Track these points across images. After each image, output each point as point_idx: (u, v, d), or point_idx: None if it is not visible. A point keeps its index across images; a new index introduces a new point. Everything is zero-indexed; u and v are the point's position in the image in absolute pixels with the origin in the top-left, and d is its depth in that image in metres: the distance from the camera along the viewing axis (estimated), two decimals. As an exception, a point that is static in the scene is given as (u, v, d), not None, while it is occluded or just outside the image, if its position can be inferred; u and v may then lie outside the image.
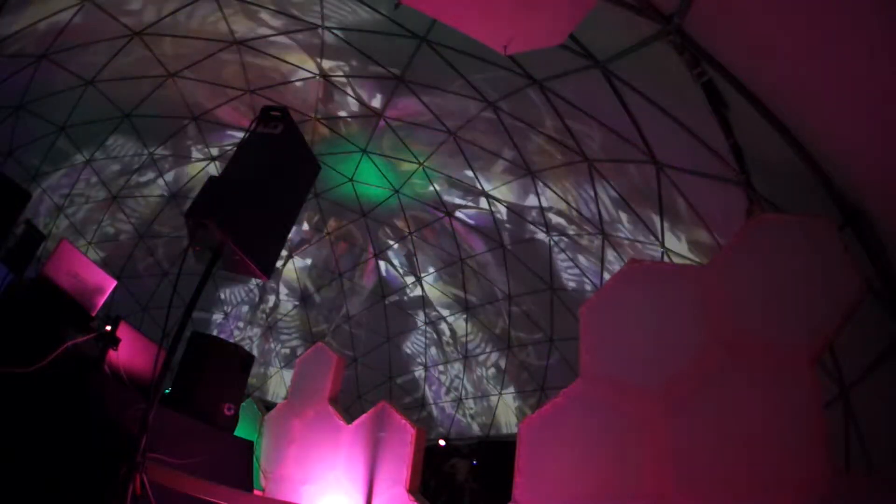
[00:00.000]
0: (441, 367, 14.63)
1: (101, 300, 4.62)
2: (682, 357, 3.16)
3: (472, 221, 11.78)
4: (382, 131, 10.44)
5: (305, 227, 13.47)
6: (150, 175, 12.11)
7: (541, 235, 10.80)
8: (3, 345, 3.36)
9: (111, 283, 4.76)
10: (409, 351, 14.88)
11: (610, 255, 9.61)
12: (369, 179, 11.97)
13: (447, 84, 8.55)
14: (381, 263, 13.91)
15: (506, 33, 3.65)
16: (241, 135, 10.47)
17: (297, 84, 9.82)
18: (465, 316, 13.70)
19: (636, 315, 3.49)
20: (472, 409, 14.45)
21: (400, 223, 12.77)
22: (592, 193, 8.90)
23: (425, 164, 10.84)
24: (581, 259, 10.50)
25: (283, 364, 15.51)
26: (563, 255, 10.76)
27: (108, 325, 4.01)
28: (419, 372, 14.83)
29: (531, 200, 10.30)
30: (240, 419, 5.26)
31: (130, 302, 13.30)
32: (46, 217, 11.54)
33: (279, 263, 13.83)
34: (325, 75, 9.46)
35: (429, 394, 14.89)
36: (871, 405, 4.76)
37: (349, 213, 12.96)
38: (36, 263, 7.87)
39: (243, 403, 5.60)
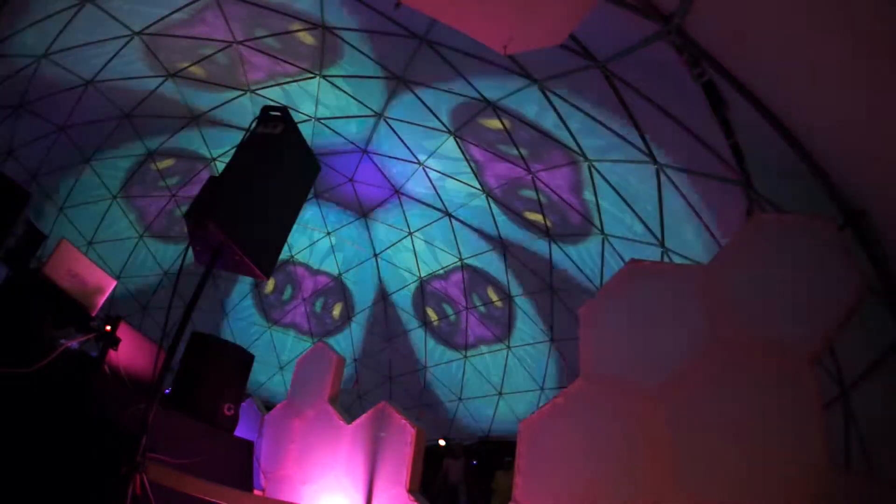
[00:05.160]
0: (441, 367, 14.63)
1: (101, 300, 4.62)
2: (682, 357, 3.16)
3: (471, 221, 11.78)
4: (382, 131, 10.45)
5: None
6: (150, 174, 12.10)
7: (541, 235, 10.80)
8: (3, 345, 3.35)
9: (111, 283, 4.76)
10: (409, 351, 14.87)
11: (610, 254, 9.61)
12: (369, 179, 11.98)
13: (447, 84, 8.55)
14: (382, 264, 13.91)
15: (506, 33, 3.65)
16: (240, 134, 10.48)
17: (297, 84, 9.82)
18: (464, 315, 13.70)
19: (636, 315, 3.49)
20: (472, 408, 14.45)
21: (399, 223, 12.78)
22: (593, 193, 8.90)
23: (425, 163, 10.84)
24: (581, 259, 10.49)
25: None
26: (563, 255, 10.76)
27: (108, 325, 4.00)
28: (419, 372, 14.83)
29: (531, 200, 10.30)
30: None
31: (130, 302, 13.30)
32: (46, 217, 11.54)
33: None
34: (324, 75, 9.46)
35: (428, 393, 14.89)
36: (871, 405, 4.76)
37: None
38: (36, 263, 7.87)
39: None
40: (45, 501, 2.85)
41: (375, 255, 13.77)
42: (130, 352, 4.17)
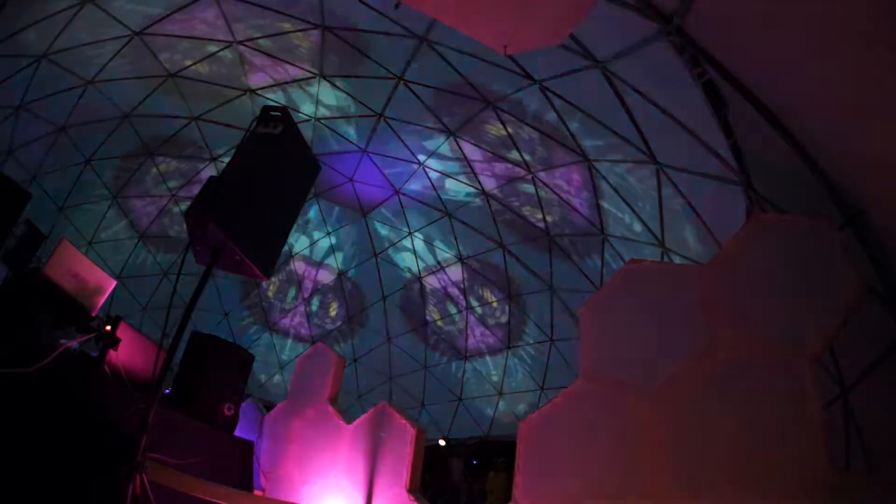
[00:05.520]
0: (441, 367, 14.63)
1: (101, 300, 4.62)
2: (681, 357, 3.15)
3: (471, 221, 11.78)
4: (382, 131, 10.45)
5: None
6: (150, 175, 12.11)
7: (541, 235, 10.80)
8: (3, 345, 3.35)
9: (111, 283, 4.75)
10: (409, 351, 14.87)
11: (610, 254, 9.61)
12: (369, 179, 11.98)
13: (447, 84, 8.55)
14: (382, 263, 13.91)
15: (506, 33, 3.65)
16: (240, 134, 10.48)
17: (297, 84, 9.83)
18: (464, 315, 13.70)
19: (636, 315, 3.49)
20: (472, 408, 14.45)
21: (400, 223, 12.78)
22: (592, 193, 8.90)
23: (425, 163, 10.85)
24: (581, 259, 10.50)
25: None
26: (562, 255, 10.76)
27: (108, 325, 4.00)
28: (419, 372, 14.82)
29: (531, 200, 10.30)
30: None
31: (130, 302, 13.29)
32: (46, 217, 11.53)
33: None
34: (325, 75, 9.46)
35: (428, 393, 14.89)
36: (871, 405, 4.76)
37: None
38: (36, 263, 7.87)
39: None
40: (45, 501, 2.85)
41: (375, 255, 13.77)
42: (130, 352, 4.17)
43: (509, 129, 8.93)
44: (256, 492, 5.18)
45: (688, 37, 4.59)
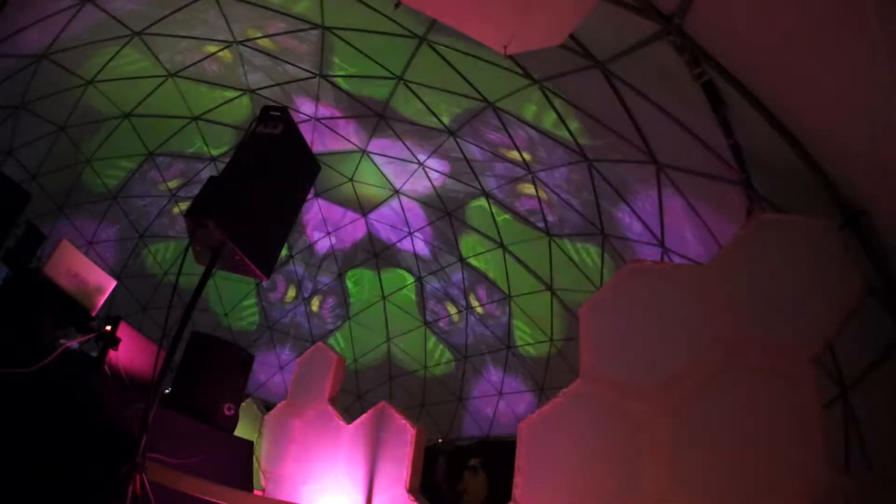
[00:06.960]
0: (441, 367, 14.63)
1: (101, 300, 4.62)
2: (681, 357, 3.16)
3: (471, 221, 11.78)
4: (382, 131, 10.45)
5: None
6: (151, 175, 12.11)
7: (541, 235, 10.80)
8: (3, 345, 3.35)
9: (111, 283, 4.76)
10: (409, 351, 14.87)
11: (610, 254, 9.61)
12: (369, 179, 11.98)
13: (447, 84, 8.55)
14: (382, 264, 13.91)
15: (506, 33, 3.65)
16: (240, 134, 10.49)
17: (297, 84, 9.83)
18: (465, 315, 13.70)
19: (636, 315, 3.49)
20: (472, 408, 14.45)
21: (400, 223, 12.78)
22: (593, 193, 8.90)
23: (425, 163, 10.85)
24: (581, 259, 10.50)
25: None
26: (562, 255, 10.76)
27: (108, 325, 4.00)
28: (419, 372, 14.83)
29: (531, 200, 10.30)
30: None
31: (130, 302, 13.29)
32: (46, 217, 11.53)
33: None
34: (324, 75, 9.46)
35: (428, 393, 14.89)
36: (871, 405, 4.76)
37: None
38: (36, 263, 7.86)
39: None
40: (45, 501, 2.85)
41: (375, 256, 13.77)
42: (130, 352, 4.17)
43: (509, 129, 8.92)
44: (256, 492, 5.18)
45: (688, 37, 4.59)
